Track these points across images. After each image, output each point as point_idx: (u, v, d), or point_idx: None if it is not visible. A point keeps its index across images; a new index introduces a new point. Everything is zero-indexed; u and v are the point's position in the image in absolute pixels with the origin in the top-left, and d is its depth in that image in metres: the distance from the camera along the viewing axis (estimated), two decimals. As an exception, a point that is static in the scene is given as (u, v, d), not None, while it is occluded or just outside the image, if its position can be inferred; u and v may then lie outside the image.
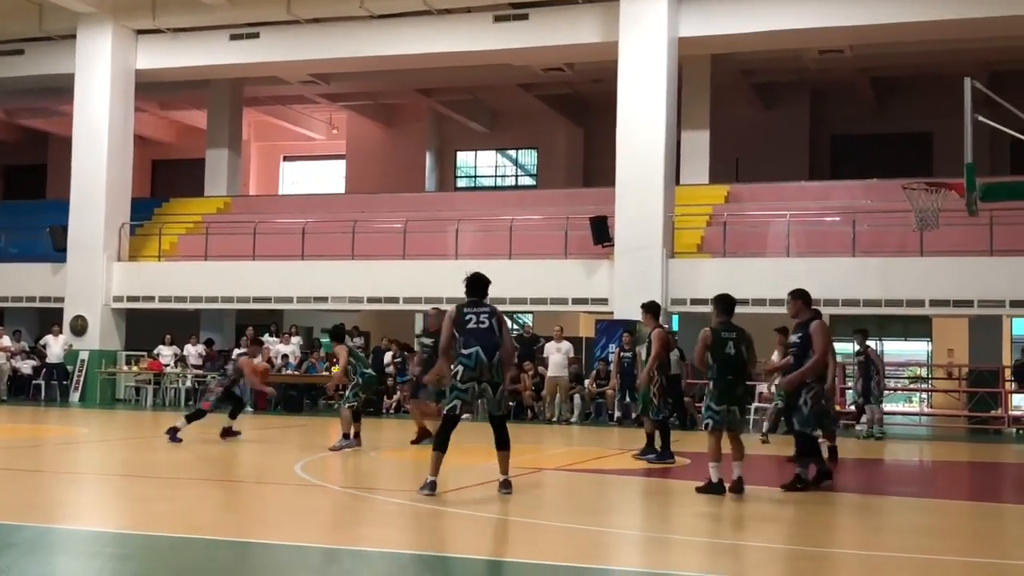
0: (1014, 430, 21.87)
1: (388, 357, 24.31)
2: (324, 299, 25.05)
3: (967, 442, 19.55)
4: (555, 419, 21.75)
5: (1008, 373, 23.42)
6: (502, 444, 9.85)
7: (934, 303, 21.29)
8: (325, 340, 27.53)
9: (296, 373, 24.29)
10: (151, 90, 28.51)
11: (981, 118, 13.49)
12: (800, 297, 11.03)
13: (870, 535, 8.67)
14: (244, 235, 26.07)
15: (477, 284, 10.06)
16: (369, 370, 15.02)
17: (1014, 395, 24.11)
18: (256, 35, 25.83)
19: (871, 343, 19.50)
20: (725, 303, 10.73)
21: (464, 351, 9.71)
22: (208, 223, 27.65)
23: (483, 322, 9.73)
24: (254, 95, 31.93)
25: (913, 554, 7.66)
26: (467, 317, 9.77)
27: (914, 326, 25.71)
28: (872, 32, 22.70)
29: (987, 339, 24.28)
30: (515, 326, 32.78)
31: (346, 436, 14.25)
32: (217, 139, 30.59)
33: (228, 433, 15.21)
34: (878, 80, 30.05)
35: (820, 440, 13.33)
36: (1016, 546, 8.59)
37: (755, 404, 20.41)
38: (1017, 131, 14.21)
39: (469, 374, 9.69)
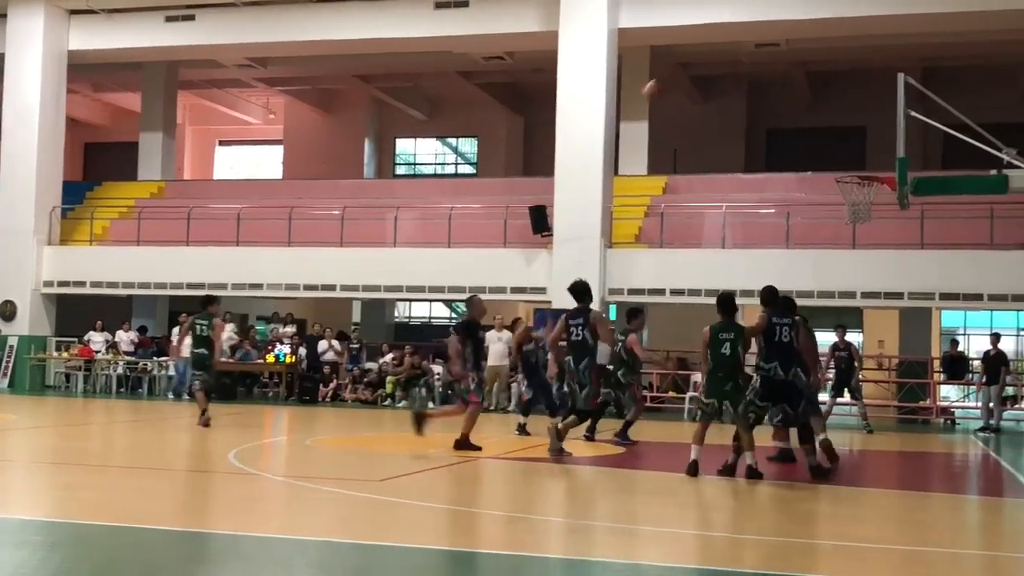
0: (942, 420, 22.30)
1: (323, 345, 24.15)
2: (259, 286, 24.82)
3: (897, 432, 19.87)
4: (493, 408, 21.76)
5: (937, 364, 23.88)
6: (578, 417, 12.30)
7: (865, 295, 21.64)
8: (261, 327, 27.30)
9: (230, 360, 24.01)
10: (84, 71, 28.02)
11: (914, 113, 13.70)
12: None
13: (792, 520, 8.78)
14: (178, 220, 25.71)
15: (574, 291, 12.24)
16: (200, 349, 15.44)
17: (942, 386, 24.60)
18: (192, 17, 25.46)
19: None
20: (720, 303, 11.09)
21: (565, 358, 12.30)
22: (141, 207, 27.26)
23: (578, 335, 11.97)
24: (189, 78, 31.49)
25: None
26: (570, 329, 12.01)
27: (845, 317, 26.00)
28: (808, 26, 22.96)
29: (917, 331, 24.70)
30: (453, 315, 32.78)
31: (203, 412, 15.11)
32: (151, 122, 30.13)
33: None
34: (813, 74, 30.43)
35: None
36: (945, 533, 8.76)
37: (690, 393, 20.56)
38: (948, 126, 14.45)
39: (563, 376, 12.49)
